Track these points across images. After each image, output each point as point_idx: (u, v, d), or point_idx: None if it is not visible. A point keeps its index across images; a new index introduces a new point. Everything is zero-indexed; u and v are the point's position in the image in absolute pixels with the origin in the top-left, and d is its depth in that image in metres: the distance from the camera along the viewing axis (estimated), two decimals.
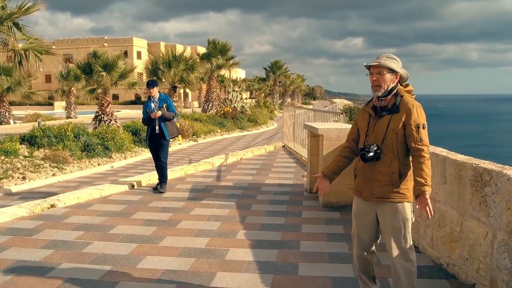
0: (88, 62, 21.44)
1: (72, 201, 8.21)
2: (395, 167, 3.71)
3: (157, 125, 9.27)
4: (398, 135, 3.69)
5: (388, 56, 3.81)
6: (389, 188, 3.73)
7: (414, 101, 3.75)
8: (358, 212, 4.02)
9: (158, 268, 5.17)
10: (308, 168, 9.31)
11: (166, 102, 9.44)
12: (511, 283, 3.94)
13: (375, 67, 3.77)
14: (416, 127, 3.64)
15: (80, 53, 49.55)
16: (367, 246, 4.03)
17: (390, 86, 3.76)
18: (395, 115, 3.72)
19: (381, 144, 3.74)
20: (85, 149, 14.38)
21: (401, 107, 3.72)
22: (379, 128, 3.78)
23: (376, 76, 3.75)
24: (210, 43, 39.25)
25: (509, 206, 3.95)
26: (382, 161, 3.74)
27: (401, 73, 3.79)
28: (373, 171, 3.79)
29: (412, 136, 3.65)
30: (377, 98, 3.81)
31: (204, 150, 18.85)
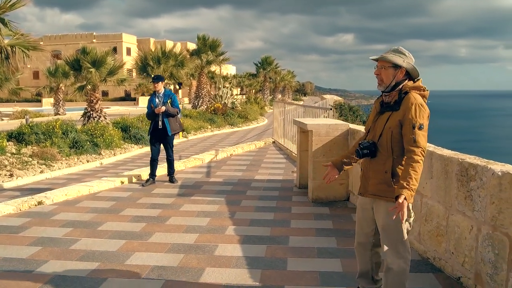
0: (77, 58, 21.33)
1: (60, 198, 8.18)
2: (389, 166, 3.65)
3: (160, 120, 9.41)
4: (394, 134, 3.59)
5: (396, 50, 3.71)
6: (384, 186, 3.69)
7: (416, 99, 3.57)
8: (359, 205, 4.05)
9: (146, 264, 5.17)
10: (298, 163, 9.33)
11: (171, 98, 9.55)
12: (495, 276, 3.98)
13: (380, 61, 3.71)
14: (412, 127, 3.49)
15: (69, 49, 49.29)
16: (366, 239, 4.01)
17: (394, 81, 3.66)
18: (395, 113, 3.62)
19: (377, 141, 3.70)
20: (73, 146, 14.33)
21: (402, 104, 3.60)
22: (378, 125, 3.73)
23: (378, 70, 3.69)
24: (200, 39, 39.19)
25: (493, 201, 3.99)
26: (378, 159, 3.70)
27: (407, 68, 3.66)
28: (369, 168, 3.79)
29: (406, 135, 3.54)
30: (382, 93, 3.75)
31: (194, 146, 18.85)
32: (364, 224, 3.98)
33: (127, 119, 20.02)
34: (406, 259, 3.75)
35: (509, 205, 3.79)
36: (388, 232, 3.74)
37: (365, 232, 3.99)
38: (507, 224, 3.82)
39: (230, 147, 15.54)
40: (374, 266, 4.08)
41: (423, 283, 4.63)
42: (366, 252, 4.04)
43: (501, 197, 3.89)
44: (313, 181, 7.99)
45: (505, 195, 3.84)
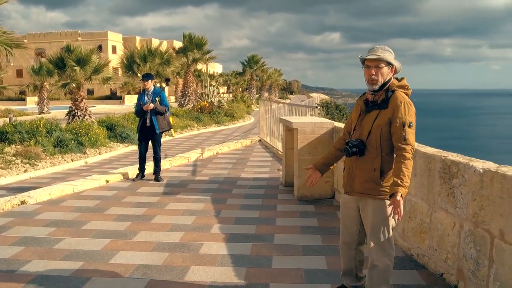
0: (61, 57, 21.11)
1: (43, 197, 8.12)
2: (378, 164, 3.66)
3: (148, 118, 9.46)
4: (383, 132, 3.62)
5: (384, 48, 3.70)
6: (371, 184, 3.70)
7: (404, 98, 3.63)
8: (343, 204, 4.04)
9: (131, 263, 5.16)
10: (284, 162, 9.35)
11: (160, 96, 9.59)
12: (476, 272, 4.02)
13: (373, 61, 3.65)
14: (402, 125, 3.53)
15: (53, 47, 48.82)
16: (350, 239, 4.01)
17: (386, 80, 3.68)
18: (383, 111, 3.63)
19: (366, 139, 3.69)
20: (58, 144, 14.21)
21: (390, 103, 3.62)
22: (365, 123, 3.72)
23: (374, 70, 3.63)
24: (186, 37, 39.03)
25: (475, 197, 4.03)
26: (366, 157, 3.69)
27: (396, 66, 3.70)
28: (356, 167, 3.77)
29: (396, 133, 3.56)
30: (372, 92, 3.71)
31: (180, 145, 18.79)
32: (349, 223, 3.98)
33: (113, 117, 19.90)
34: (391, 256, 3.81)
35: (490, 202, 3.82)
36: (375, 230, 3.75)
37: (350, 231, 4.00)
38: (488, 220, 3.86)
39: (216, 146, 15.52)
40: (358, 264, 4.10)
41: (406, 279, 4.67)
42: (350, 251, 4.04)
43: (482, 194, 3.93)
44: (298, 179, 8.01)
45: (486, 192, 3.88)
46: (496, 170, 3.80)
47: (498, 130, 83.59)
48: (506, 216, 3.63)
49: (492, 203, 3.81)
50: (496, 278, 3.76)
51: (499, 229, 3.72)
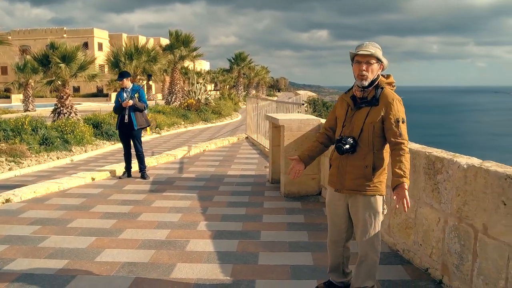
0: (46, 54, 20.94)
1: (28, 195, 8.05)
2: (370, 161, 3.67)
3: (126, 114, 9.46)
4: (375, 129, 3.64)
5: (373, 44, 3.69)
6: (362, 181, 3.70)
7: (395, 95, 3.67)
8: (330, 202, 4.01)
9: (117, 260, 5.13)
10: (270, 158, 9.36)
11: (138, 93, 9.59)
12: (460, 266, 4.06)
13: (364, 56, 3.63)
14: (396, 122, 3.57)
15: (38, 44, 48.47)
16: (339, 237, 4.01)
17: (375, 76, 3.68)
18: (374, 108, 3.64)
19: (358, 137, 3.68)
20: (43, 142, 14.12)
21: (380, 100, 3.63)
22: (356, 120, 3.71)
23: (365, 66, 3.61)
24: (172, 34, 38.92)
25: (459, 193, 4.06)
26: (357, 154, 3.69)
27: (384, 62, 3.71)
28: (347, 164, 3.75)
29: (391, 130, 3.58)
30: (360, 88, 3.70)
31: (167, 142, 18.75)
32: (337, 220, 3.97)
33: (99, 115, 19.80)
34: (378, 252, 3.87)
35: (474, 197, 3.86)
36: (366, 226, 3.77)
37: (338, 229, 3.99)
38: (472, 215, 3.89)
39: (203, 143, 15.50)
40: (345, 260, 4.12)
41: (392, 275, 4.69)
42: (339, 248, 4.04)
43: (466, 189, 3.96)
44: (285, 176, 8.02)
45: (470, 188, 3.91)
46: (480, 165, 3.83)
47: (482, 127, 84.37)
48: (489, 211, 3.66)
49: (475, 198, 3.84)
50: (480, 272, 3.79)
51: (483, 224, 3.75)
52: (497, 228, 3.59)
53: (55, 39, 21.93)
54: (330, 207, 4.02)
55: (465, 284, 4.00)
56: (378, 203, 3.76)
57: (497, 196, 3.57)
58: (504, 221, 3.51)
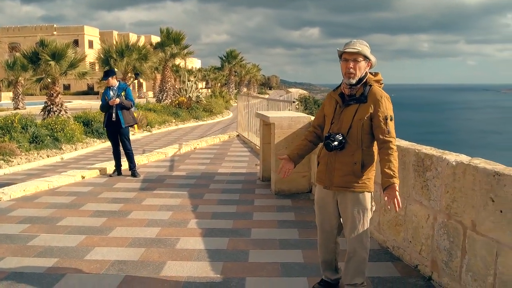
0: (35, 51, 20.83)
1: (18, 193, 8.00)
2: (358, 157, 3.67)
3: (113, 113, 9.44)
4: (364, 126, 3.64)
5: (361, 42, 3.69)
6: (351, 178, 3.70)
7: (383, 92, 3.68)
8: (319, 200, 4.00)
9: (106, 259, 5.12)
10: (261, 156, 9.36)
11: (125, 91, 9.58)
12: (449, 263, 4.08)
13: (351, 54, 3.63)
14: (384, 119, 3.59)
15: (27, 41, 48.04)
16: (329, 234, 4.02)
17: (363, 74, 3.68)
18: (363, 105, 3.65)
19: (346, 133, 3.67)
20: (33, 140, 14.06)
21: (369, 97, 3.64)
22: (345, 117, 3.71)
23: (352, 64, 3.61)
24: (163, 32, 38.82)
25: (448, 190, 4.08)
26: (346, 150, 3.69)
27: (372, 60, 3.72)
28: (336, 160, 3.75)
29: (379, 127, 3.60)
30: (348, 86, 3.70)
31: (158, 140, 18.72)
32: (327, 217, 3.97)
33: (89, 113, 19.72)
34: (367, 248, 3.89)
35: (463, 194, 3.88)
36: (354, 222, 3.78)
37: (329, 226, 4.00)
38: (460, 212, 3.91)
39: (194, 141, 15.48)
40: (336, 256, 4.13)
41: (382, 272, 4.71)
42: (330, 244, 4.05)
43: (455, 186, 3.98)
44: (276, 174, 8.02)
45: (458, 184, 3.93)
46: (469, 162, 3.85)
47: (473, 125, 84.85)
48: (478, 207, 3.68)
49: (464, 195, 3.86)
50: (469, 268, 3.81)
51: (471, 221, 3.77)
52: (485, 224, 3.61)
53: (45, 37, 21.77)
54: (319, 205, 4.01)
55: (454, 280, 4.03)
56: (367, 199, 3.77)
57: (485, 192, 3.59)
58: (492, 218, 3.53)
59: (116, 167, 9.95)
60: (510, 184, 3.36)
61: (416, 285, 4.38)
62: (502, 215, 3.43)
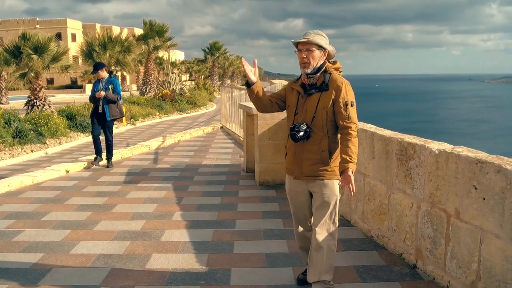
0: (17, 45, 20.61)
1: (2, 189, 7.93)
2: (325, 145, 3.69)
3: (100, 105, 9.64)
4: (328, 113, 3.66)
5: (316, 32, 3.72)
6: (319, 166, 3.72)
7: (343, 79, 3.71)
8: (291, 191, 4.02)
9: (92, 253, 5.10)
10: (245, 148, 9.36)
11: (113, 84, 9.76)
12: (434, 250, 4.12)
13: (304, 44, 3.68)
14: (345, 105, 3.61)
15: (10, 35, 47.60)
16: (304, 223, 4.05)
17: (319, 63, 3.71)
18: (325, 93, 3.67)
19: (311, 122, 3.69)
20: (17, 135, 13.91)
21: (330, 84, 3.67)
22: (308, 106, 3.73)
23: (305, 53, 3.66)
24: (146, 24, 38.62)
25: (431, 178, 4.12)
26: (312, 139, 3.70)
27: (329, 49, 3.74)
28: (303, 150, 3.76)
29: (340, 113, 3.62)
30: (306, 75, 3.75)
31: (142, 133, 18.62)
32: (300, 207, 4.01)
33: (73, 107, 19.55)
34: (335, 239, 3.89)
35: (446, 182, 3.91)
36: (324, 212, 3.79)
37: (303, 215, 4.04)
38: (444, 200, 3.95)
39: (178, 133, 15.44)
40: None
41: (366, 260, 4.75)
42: (307, 233, 4.05)
43: (438, 175, 4.02)
44: (259, 165, 8.03)
45: (441, 173, 3.96)
46: (451, 151, 3.88)
47: (460, 114, 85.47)
48: (461, 195, 3.72)
49: (447, 183, 3.90)
50: (453, 255, 3.85)
51: (455, 208, 3.81)
52: (469, 212, 3.65)
53: (27, 30, 21.51)
54: (291, 196, 4.04)
55: (439, 268, 4.07)
56: (336, 187, 3.78)
57: (468, 180, 3.63)
58: (475, 205, 3.57)
59: (97, 153, 10.15)
60: (492, 172, 3.40)
61: (401, 273, 4.42)
62: (485, 202, 3.48)
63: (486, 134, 58.41)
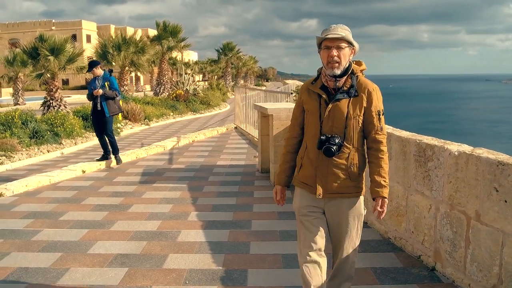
0: (35, 46, 20.76)
1: (20, 189, 8.02)
2: (355, 159, 3.19)
3: (98, 102, 9.82)
4: (359, 123, 3.18)
5: (343, 27, 3.17)
6: (346, 182, 3.20)
7: (373, 83, 3.22)
8: (303, 209, 3.37)
9: (109, 252, 5.14)
10: (259, 148, 9.36)
11: (109, 81, 9.91)
12: (453, 253, 4.08)
13: (333, 40, 3.11)
14: (377, 114, 3.17)
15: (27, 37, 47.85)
16: (316, 248, 3.30)
17: (348, 63, 3.17)
18: (355, 99, 3.15)
19: (343, 134, 3.15)
20: (33, 136, 14.00)
21: (359, 89, 3.16)
22: (336, 114, 3.16)
23: (336, 51, 3.10)
24: (160, 25, 38.72)
25: (450, 180, 4.08)
26: (341, 153, 3.16)
27: (356, 46, 3.21)
28: (328, 164, 3.19)
29: (372, 124, 3.16)
30: (333, 77, 3.16)
31: (156, 133, 18.66)
32: (316, 231, 3.31)
33: (88, 107, 19.64)
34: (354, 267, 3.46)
35: (466, 184, 3.88)
36: (349, 233, 3.31)
37: (316, 240, 3.29)
38: (464, 202, 3.91)
39: (192, 134, 15.47)
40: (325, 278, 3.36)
41: (384, 262, 4.72)
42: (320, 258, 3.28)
43: (457, 176, 3.98)
44: (274, 165, 8.02)
45: (461, 174, 3.93)
46: (471, 152, 3.85)
47: (478, 114, 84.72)
48: (482, 197, 3.68)
49: (467, 185, 3.86)
50: (473, 258, 3.82)
51: (475, 211, 3.77)
52: (489, 214, 3.61)
53: (44, 32, 21.67)
54: (305, 215, 3.37)
55: (459, 270, 4.03)
56: (362, 205, 3.33)
57: (489, 182, 3.60)
58: (496, 208, 3.54)
59: (104, 153, 10.36)
60: None
61: (420, 275, 4.39)
62: (506, 205, 3.44)
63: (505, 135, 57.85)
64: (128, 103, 21.66)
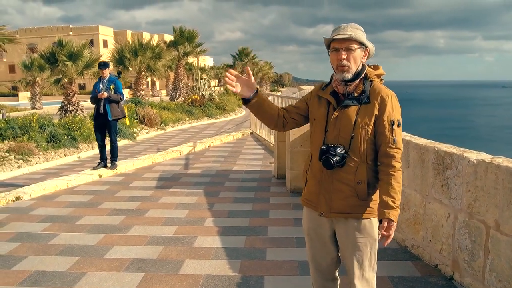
0: (52, 52, 21.02)
1: (38, 193, 8.09)
2: (363, 175, 2.84)
3: (102, 106, 9.70)
4: (369, 133, 2.82)
5: (354, 26, 2.87)
6: (354, 200, 2.87)
7: (388, 90, 2.87)
8: (310, 230, 3.10)
9: (126, 257, 5.16)
10: (276, 154, 9.36)
11: (114, 84, 9.80)
12: (472, 262, 4.04)
13: (342, 42, 2.80)
14: (390, 124, 2.79)
15: (44, 42, 48.42)
16: (327, 271, 3.12)
17: (360, 67, 2.86)
18: (365, 106, 2.82)
19: (349, 145, 2.82)
20: (51, 140, 14.14)
21: (371, 95, 2.83)
22: (343, 123, 2.86)
23: (345, 53, 2.80)
24: (176, 30, 38.91)
25: (469, 188, 4.05)
26: (347, 166, 2.84)
27: (370, 48, 2.90)
28: (333, 179, 2.89)
29: (383, 135, 2.80)
30: (343, 82, 2.86)
31: (172, 138, 18.75)
32: (323, 252, 3.08)
33: None
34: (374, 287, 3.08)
35: (485, 193, 3.84)
36: (360, 257, 2.95)
37: (325, 262, 3.11)
38: (483, 211, 3.88)
39: (208, 139, 15.51)
40: None
41: (401, 271, 4.68)
42: (328, 284, 3.16)
43: (476, 185, 3.95)
44: (291, 172, 8.01)
45: (480, 183, 3.89)
46: (491, 161, 3.81)
47: (496, 121, 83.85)
48: (501, 207, 3.65)
49: (486, 194, 3.83)
50: (492, 268, 3.78)
51: (495, 220, 3.73)
52: (509, 224, 3.57)
53: (61, 37, 21.92)
54: (311, 236, 3.11)
55: (477, 280, 3.99)
56: (375, 228, 2.93)
57: (509, 192, 3.56)
58: None
59: (101, 160, 10.20)
60: None
61: (437, 284, 4.36)
62: None
63: None
64: (144, 108, 21.78)
